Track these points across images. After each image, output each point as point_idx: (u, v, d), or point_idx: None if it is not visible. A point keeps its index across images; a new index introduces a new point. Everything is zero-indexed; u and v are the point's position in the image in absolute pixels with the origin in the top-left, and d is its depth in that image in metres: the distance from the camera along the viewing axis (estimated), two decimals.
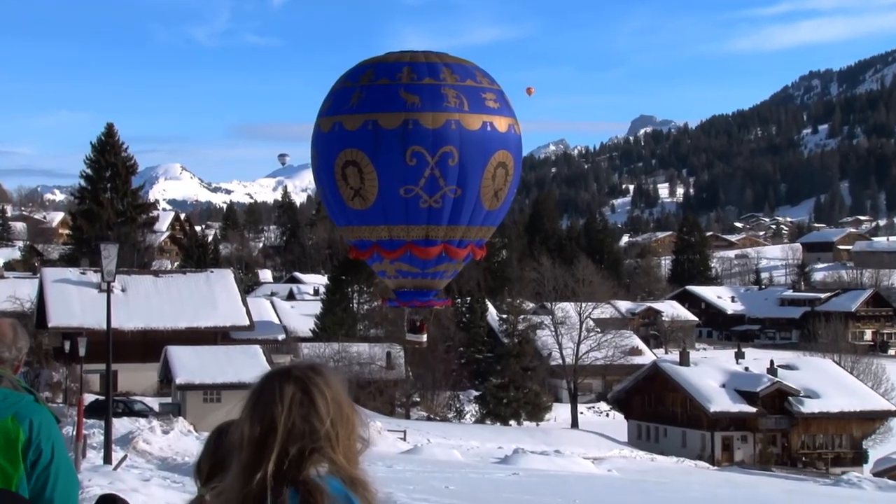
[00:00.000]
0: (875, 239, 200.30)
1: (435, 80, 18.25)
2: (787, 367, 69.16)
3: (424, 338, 20.56)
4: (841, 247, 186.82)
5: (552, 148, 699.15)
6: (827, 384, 67.11)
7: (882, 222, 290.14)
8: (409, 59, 18.58)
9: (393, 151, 18.03)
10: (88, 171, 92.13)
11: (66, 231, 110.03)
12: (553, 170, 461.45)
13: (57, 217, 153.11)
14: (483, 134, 18.44)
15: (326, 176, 18.90)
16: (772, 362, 68.76)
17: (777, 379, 65.87)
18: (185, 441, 39.02)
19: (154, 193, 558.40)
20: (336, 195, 18.86)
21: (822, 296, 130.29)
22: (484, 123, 18.49)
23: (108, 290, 29.05)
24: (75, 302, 65.71)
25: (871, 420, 66.94)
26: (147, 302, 67.73)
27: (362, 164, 18.27)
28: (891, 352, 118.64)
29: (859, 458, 65.05)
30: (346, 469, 2.84)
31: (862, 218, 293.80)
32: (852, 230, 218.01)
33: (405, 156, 18.01)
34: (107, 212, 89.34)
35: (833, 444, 65.92)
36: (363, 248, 19.31)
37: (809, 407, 64.84)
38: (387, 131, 18.03)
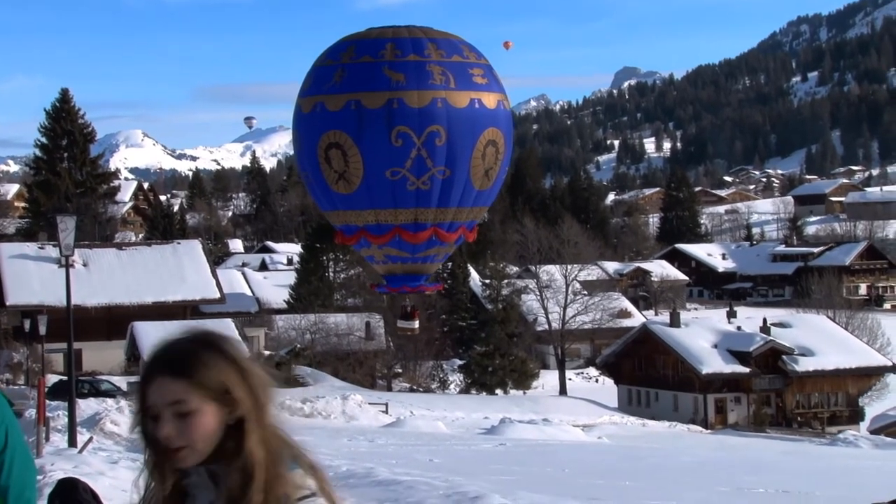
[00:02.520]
0: (868, 189, 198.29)
1: (420, 56, 17.65)
2: (781, 324, 68.66)
3: (416, 324, 20.21)
4: (833, 198, 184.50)
5: (533, 104, 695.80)
6: (821, 341, 66.58)
7: (875, 171, 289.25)
8: (392, 35, 17.97)
9: (378, 132, 17.56)
10: (43, 139, 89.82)
11: (22, 204, 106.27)
12: (535, 126, 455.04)
13: (12, 189, 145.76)
14: (471, 111, 17.93)
15: (309, 159, 18.45)
16: (765, 320, 68.19)
17: (770, 337, 65.39)
18: None
19: (115, 162, 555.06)
20: (320, 179, 18.37)
21: (815, 250, 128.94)
22: (472, 100, 17.94)
23: (67, 265, 28.17)
24: (34, 278, 63.99)
25: (867, 376, 66.48)
26: (111, 276, 66.21)
27: (346, 146, 17.75)
28: (886, 306, 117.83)
29: (856, 416, 64.71)
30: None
31: (854, 168, 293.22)
32: (845, 181, 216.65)
33: (390, 136, 17.53)
34: (65, 182, 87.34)
35: (829, 402, 65.51)
36: (349, 233, 18.88)
37: (804, 365, 64.34)
38: (371, 111, 17.50)
